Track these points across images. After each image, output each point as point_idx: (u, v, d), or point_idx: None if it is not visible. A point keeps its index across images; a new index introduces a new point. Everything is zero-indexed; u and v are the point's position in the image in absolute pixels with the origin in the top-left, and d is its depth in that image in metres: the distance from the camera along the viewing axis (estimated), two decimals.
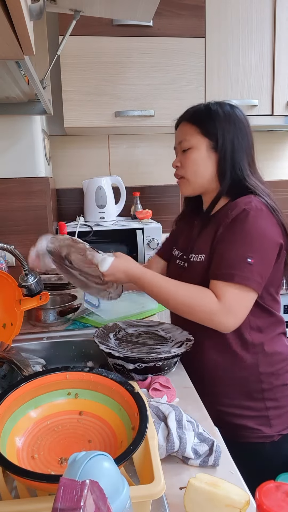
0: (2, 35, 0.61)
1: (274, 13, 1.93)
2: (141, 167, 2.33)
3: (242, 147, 1.07)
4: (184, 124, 1.12)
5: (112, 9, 1.35)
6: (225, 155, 1.06)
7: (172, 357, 0.97)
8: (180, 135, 1.12)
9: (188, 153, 1.09)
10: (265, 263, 0.98)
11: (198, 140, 1.07)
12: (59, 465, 0.64)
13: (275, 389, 1.06)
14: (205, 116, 1.08)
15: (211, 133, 1.06)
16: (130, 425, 0.67)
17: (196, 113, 1.10)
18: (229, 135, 1.06)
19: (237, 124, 1.07)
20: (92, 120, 1.92)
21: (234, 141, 1.06)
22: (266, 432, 1.05)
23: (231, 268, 0.96)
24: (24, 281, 1.09)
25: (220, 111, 1.07)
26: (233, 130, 1.06)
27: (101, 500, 0.40)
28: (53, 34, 1.88)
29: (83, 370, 0.77)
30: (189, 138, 1.08)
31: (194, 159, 1.08)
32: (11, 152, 1.73)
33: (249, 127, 1.10)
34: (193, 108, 1.13)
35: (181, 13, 1.87)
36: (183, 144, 1.10)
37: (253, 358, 1.05)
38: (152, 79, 1.92)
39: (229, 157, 1.06)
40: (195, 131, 1.08)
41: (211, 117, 1.07)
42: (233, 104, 1.11)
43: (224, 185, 1.07)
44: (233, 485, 0.60)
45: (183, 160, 1.11)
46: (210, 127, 1.06)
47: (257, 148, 1.12)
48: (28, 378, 0.74)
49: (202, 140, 1.07)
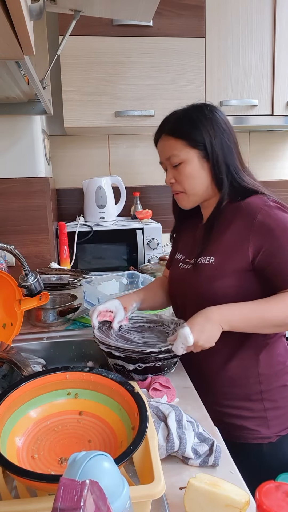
0: (2, 35, 0.61)
1: (274, 13, 1.93)
2: (141, 167, 2.33)
3: (231, 149, 1.05)
4: (167, 138, 1.06)
5: (112, 9, 1.35)
6: (217, 161, 1.03)
7: (172, 357, 0.97)
8: (166, 151, 1.07)
9: (180, 168, 1.05)
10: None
11: (188, 153, 1.03)
12: (59, 465, 0.64)
13: (273, 390, 1.06)
14: (188, 126, 1.03)
15: (199, 143, 1.03)
16: (130, 425, 0.67)
17: (177, 125, 1.05)
18: (216, 140, 1.03)
19: (220, 127, 1.04)
20: (92, 120, 1.92)
21: (223, 145, 1.03)
22: (264, 433, 1.04)
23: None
24: (24, 281, 1.09)
25: (201, 117, 1.04)
26: (219, 133, 1.03)
27: (101, 500, 0.40)
28: (53, 34, 1.88)
29: (83, 370, 0.77)
30: (177, 153, 1.04)
31: (188, 173, 1.04)
32: (11, 152, 1.73)
33: (230, 124, 1.08)
34: (170, 119, 1.08)
35: (181, 13, 1.87)
36: (173, 160, 1.05)
37: (252, 359, 1.05)
38: (152, 79, 1.92)
39: (222, 162, 1.03)
40: (182, 144, 1.03)
41: (195, 126, 1.03)
42: (209, 104, 1.08)
43: (224, 191, 1.05)
44: (233, 485, 0.60)
45: (177, 175, 1.06)
46: (196, 137, 1.02)
47: (257, 148, 1.12)
48: (28, 378, 0.74)
49: (192, 152, 1.03)
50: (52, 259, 1.87)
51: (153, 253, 2.03)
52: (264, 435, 1.04)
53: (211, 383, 1.08)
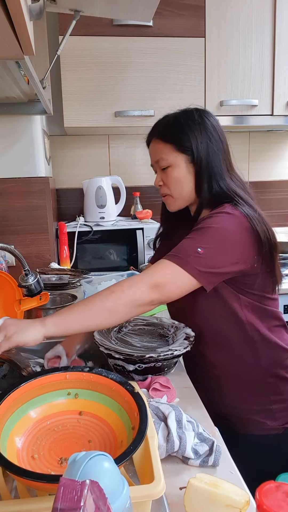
0: (2, 35, 0.61)
1: (274, 13, 1.93)
2: (141, 167, 2.33)
3: (217, 155, 1.05)
4: (156, 142, 1.09)
5: (112, 9, 1.35)
6: (200, 167, 1.04)
7: (173, 357, 0.97)
8: (155, 154, 1.09)
9: (168, 171, 1.07)
10: (219, 258, 0.96)
11: (176, 157, 1.05)
12: (59, 465, 0.64)
13: (278, 383, 1.08)
14: (176, 131, 1.05)
15: (187, 148, 1.04)
16: (130, 425, 0.67)
17: (166, 129, 1.07)
18: (202, 145, 1.03)
19: (209, 132, 1.05)
20: (92, 120, 1.92)
21: (208, 151, 1.04)
22: (271, 425, 1.07)
23: (179, 251, 0.96)
24: (24, 281, 1.09)
25: (190, 122, 1.05)
26: (205, 139, 1.04)
27: (101, 500, 0.40)
28: (53, 34, 1.88)
29: (83, 370, 0.77)
30: (166, 157, 1.06)
31: (175, 177, 1.06)
32: (11, 152, 1.73)
33: (221, 130, 1.08)
34: (161, 122, 1.10)
35: (181, 13, 1.87)
36: (161, 163, 1.07)
37: (254, 353, 1.06)
38: (152, 79, 1.92)
39: (205, 168, 1.04)
40: (170, 148, 1.05)
41: (183, 131, 1.04)
42: (200, 109, 1.08)
43: (202, 197, 1.06)
44: (233, 485, 0.60)
45: (165, 178, 1.08)
46: (184, 142, 1.04)
47: (257, 148, 1.12)
48: (28, 378, 0.74)
49: (180, 157, 1.05)
50: (52, 259, 1.87)
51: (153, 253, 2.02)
52: (271, 426, 1.07)
53: (216, 379, 1.09)
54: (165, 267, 0.94)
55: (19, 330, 0.84)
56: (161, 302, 0.95)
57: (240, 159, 2.37)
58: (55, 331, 0.87)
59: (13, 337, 0.83)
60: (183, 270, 0.93)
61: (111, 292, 0.91)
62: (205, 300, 1.04)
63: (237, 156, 1.15)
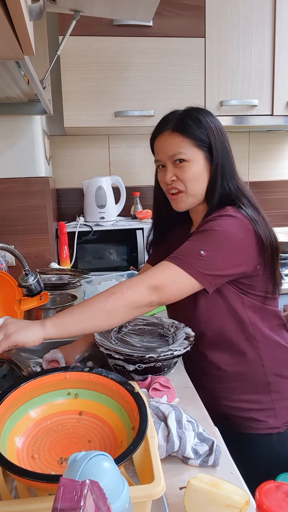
0: (2, 35, 0.61)
1: (274, 13, 1.93)
2: (141, 167, 2.33)
3: (229, 154, 1.05)
4: (172, 135, 1.03)
5: (112, 9, 1.35)
6: (216, 165, 1.03)
7: (173, 357, 0.97)
8: (171, 147, 1.03)
9: (185, 166, 1.02)
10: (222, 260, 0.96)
11: (195, 153, 1.02)
12: (59, 465, 0.64)
13: (280, 382, 1.08)
14: (196, 125, 1.02)
15: (205, 144, 1.02)
16: (130, 425, 0.67)
17: (183, 123, 1.03)
18: (218, 143, 1.03)
19: (220, 130, 1.04)
20: (92, 120, 1.92)
21: (222, 149, 1.04)
22: (273, 424, 1.07)
23: (181, 254, 0.95)
24: (24, 281, 1.09)
25: (206, 118, 1.03)
26: (220, 137, 1.03)
27: (101, 500, 0.40)
28: (53, 34, 1.88)
29: (83, 370, 0.77)
30: (184, 151, 1.01)
31: (193, 173, 1.03)
32: (11, 152, 1.73)
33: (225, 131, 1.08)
34: (174, 115, 1.05)
35: (181, 13, 1.87)
36: (179, 157, 1.02)
37: (255, 352, 1.06)
38: (152, 79, 1.92)
39: (220, 167, 1.03)
40: (189, 143, 1.02)
41: (201, 126, 1.02)
42: (204, 108, 1.07)
43: (212, 196, 1.04)
44: (233, 485, 0.60)
45: (180, 174, 1.03)
46: (203, 137, 1.02)
47: (257, 148, 1.12)
48: (28, 378, 0.74)
49: (199, 152, 1.02)
50: (52, 259, 1.87)
51: None
52: (272, 425, 1.07)
53: (218, 379, 1.09)
54: (166, 269, 0.94)
55: (18, 329, 0.84)
56: (160, 303, 0.95)
57: (240, 159, 2.37)
58: (54, 333, 0.86)
59: (12, 336, 0.83)
60: (185, 272, 0.93)
61: (110, 293, 0.91)
62: (207, 301, 1.04)
63: (237, 156, 1.15)
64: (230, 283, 1.02)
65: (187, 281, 0.93)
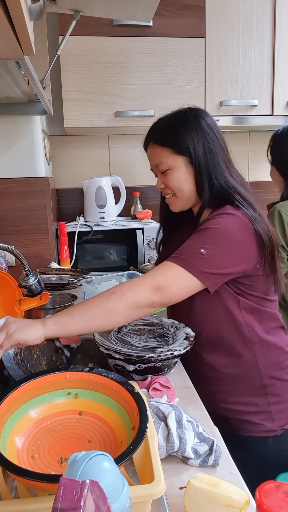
0: (2, 35, 0.61)
1: (274, 13, 1.93)
2: (141, 167, 2.33)
3: (215, 153, 1.05)
4: (154, 146, 1.09)
5: (112, 9, 1.35)
6: (199, 167, 1.04)
7: (172, 357, 0.97)
8: (154, 158, 1.10)
9: (168, 174, 1.07)
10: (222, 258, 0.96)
11: (175, 160, 1.05)
12: (59, 465, 0.64)
13: (276, 385, 1.08)
14: (172, 134, 1.05)
15: (185, 149, 1.04)
16: (130, 425, 0.67)
17: (162, 133, 1.07)
18: (199, 145, 1.04)
19: (204, 131, 1.05)
20: (92, 120, 1.92)
21: (205, 150, 1.04)
22: (269, 427, 1.06)
23: (181, 253, 0.96)
24: (24, 281, 1.09)
25: (185, 123, 1.05)
26: (202, 139, 1.04)
27: (101, 500, 0.40)
28: (53, 34, 1.88)
29: (83, 370, 0.77)
30: (164, 161, 1.06)
31: (176, 178, 1.07)
32: (11, 152, 1.73)
33: (217, 127, 1.08)
34: (156, 126, 1.10)
35: (181, 13, 1.87)
36: (161, 167, 1.08)
37: (251, 354, 1.06)
38: (152, 79, 1.92)
39: (204, 168, 1.04)
40: (168, 152, 1.06)
41: (179, 133, 1.04)
42: (194, 108, 1.08)
43: (204, 197, 1.06)
44: (233, 485, 0.60)
45: (166, 181, 1.09)
46: (181, 143, 1.04)
47: (257, 148, 1.12)
48: (28, 378, 0.74)
49: (179, 159, 1.05)
50: (52, 259, 1.87)
51: (153, 253, 2.03)
52: (269, 428, 1.06)
53: (214, 381, 1.09)
54: (168, 269, 0.94)
55: (20, 328, 0.84)
56: (162, 304, 0.95)
57: (240, 159, 2.36)
58: (55, 331, 0.87)
59: (14, 334, 0.83)
60: (187, 272, 0.93)
61: (111, 293, 0.91)
62: (203, 301, 1.04)
63: (237, 156, 1.15)
64: (229, 283, 1.02)
65: (189, 280, 0.93)
